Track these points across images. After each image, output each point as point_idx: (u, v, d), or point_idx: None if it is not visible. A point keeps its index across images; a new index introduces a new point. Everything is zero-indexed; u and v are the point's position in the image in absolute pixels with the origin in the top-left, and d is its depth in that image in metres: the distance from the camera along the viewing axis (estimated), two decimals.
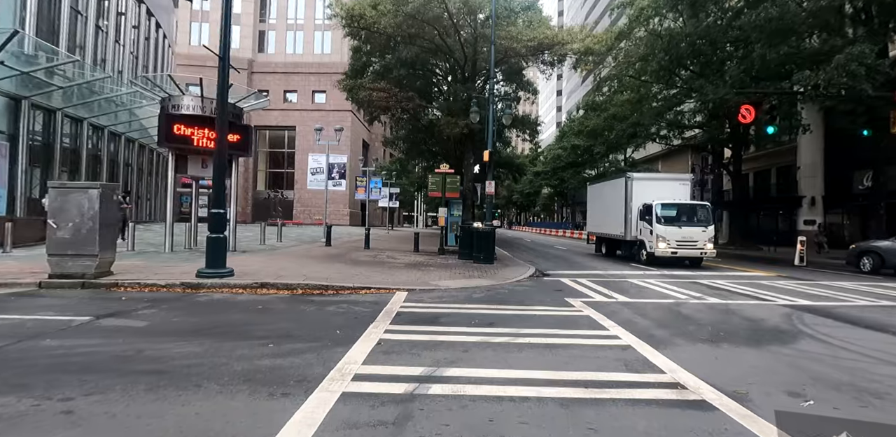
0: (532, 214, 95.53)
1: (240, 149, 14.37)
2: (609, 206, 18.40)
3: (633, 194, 16.25)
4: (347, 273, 10.31)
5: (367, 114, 25.66)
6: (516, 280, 11.00)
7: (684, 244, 14.74)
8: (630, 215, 16.42)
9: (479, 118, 17.44)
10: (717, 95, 18.56)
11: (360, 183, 30.75)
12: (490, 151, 15.40)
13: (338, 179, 22.80)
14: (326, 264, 11.89)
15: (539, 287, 10.05)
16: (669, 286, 10.53)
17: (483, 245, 14.11)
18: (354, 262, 12.99)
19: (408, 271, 11.41)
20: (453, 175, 18.05)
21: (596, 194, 20.64)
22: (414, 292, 8.71)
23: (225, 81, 9.03)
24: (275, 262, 11.74)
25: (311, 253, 14.86)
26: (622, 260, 17.65)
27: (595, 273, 13.20)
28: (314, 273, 9.89)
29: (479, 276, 11.34)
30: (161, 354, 4.42)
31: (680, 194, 15.96)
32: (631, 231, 16.43)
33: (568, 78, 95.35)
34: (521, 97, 33.18)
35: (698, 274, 13.31)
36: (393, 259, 14.39)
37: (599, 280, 11.47)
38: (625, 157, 44.80)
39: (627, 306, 7.94)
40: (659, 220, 14.93)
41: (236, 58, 50.79)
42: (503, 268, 13.15)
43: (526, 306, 7.66)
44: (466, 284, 9.93)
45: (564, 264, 16.36)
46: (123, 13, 20.18)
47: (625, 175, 16.84)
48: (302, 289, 8.34)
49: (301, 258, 13.11)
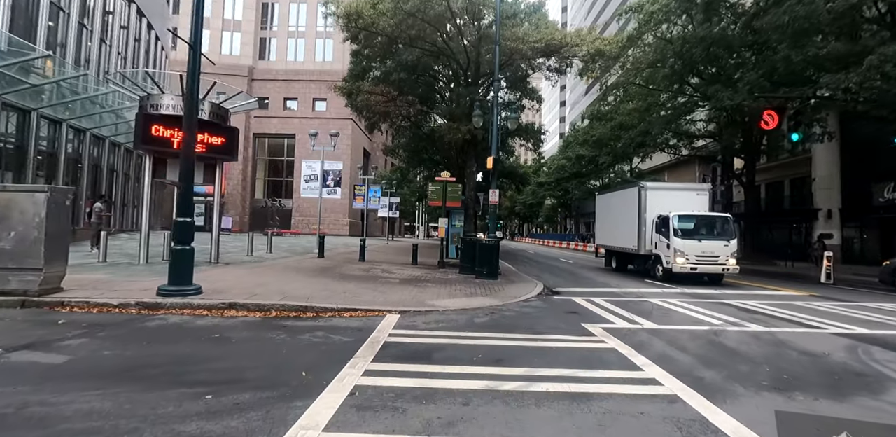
0: (535, 226, 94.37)
1: (225, 153, 13.31)
2: (620, 217, 17.27)
3: (647, 205, 15.14)
4: (334, 291, 9.15)
5: (366, 120, 24.68)
6: (523, 299, 9.82)
7: (704, 260, 13.56)
8: (644, 228, 15.30)
9: (483, 123, 16.42)
10: (734, 100, 17.53)
11: (358, 192, 29.66)
12: (494, 157, 14.32)
13: (333, 186, 21.72)
14: (313, 280, 10.73)
15: (550, 308, 8.86)
16: (695, 308, 9.34)
17: (486, 259, 12.94)
18: (345, 277, 11.82)
19: (402, 288, 10.24)
20: (454, 183, 16.96)
21: (605, 205, 19.51)
22: (407, 314, 7.53)
23: (195, 73, 7.98)
24: (255, 276, 10.59)
25: (300, 266, 13.71)
26: (635, 275, 16.44)
27: (609, 291, 12.00)
28: (296, 291, 8.72)
29: (482, 294, 10.16)
30: (51, 412, 3.26)
31: (697, 205, 14.84)
32: (645, 245, 15.27)
33: (572, 88, 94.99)
34: (526, 106, 32.31)
35: (723, 293, 12.10)
36: (388, 273, 13.22)
37: (616, 300, 10.28)
38: (631, 167, 43.78)
39: (657, 334, 6.75)
40: (676, 233, 13.78)
41: (236, 65, 50.33)
42: (508, 284, 11.97)
43: (538, 334, 6.48)
44: (468, 304, 8.76)
45: (573, 279, 15.16)
46: (111, 12, 19.32)
47: (638, 185, 15.74)
48: (277, 311, 7.17)
49: (286, 272, 11.95)
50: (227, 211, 49.21)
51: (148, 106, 12.42)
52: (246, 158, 50.17)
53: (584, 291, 11.97)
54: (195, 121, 8.07)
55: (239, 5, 50.15)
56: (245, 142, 50.19)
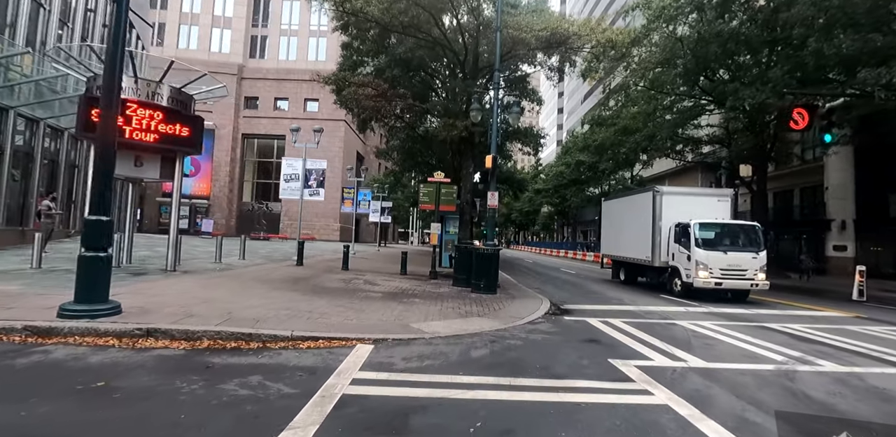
0: (531, 234, 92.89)
1: (186, 145, 11.58)
2: (630, 225, 15.68)
3: (663, 212, 13.60)
4: (297, 309, 7.42)
5: (356, 117, 23.05)
6: (529, 321, 8.14)
7: (731, 274, 11.94)
8: (658, 237, 13.73)
9: (481, 119, 14.84)
10: (756, 99, 16.07)
11: (347, 195, 27.98)
12: (494, 155, 12.71)
13: (315, 187, 20.06)
14: (277, 294, 8.99)
15: (564, 335, 7.17)
16: (737, 334, 7.69)
17: (484, 270, 11.26)
18: (318, 290, 10.09)
19: (384, 306, 8.52)
20: (449, 185, 15.32)
21: (613, 212, 17.90)
22: (384, 344, 5.83)
23: (120, 29, 6.27)
24: (207, 289, 8.83)
25: (270, 276, 11.96)
26: (648, 289, 14.79)
27: (626, 310, 10.34)
28: (247, 310, 6.99)
29: (480, 313, 8.47)
30: None
31: (719, 212, 13.28)
32: (660, 256, 13.67)
33: (569, 96, 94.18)
34: (526, 108, 30.93)
35: (756, 313, 10.47)
36: (371, 285, 11.50)
37: (638, 322, 8.62)
38: (632, 175, 42.38)
39: (712, 377, 5.08)
40: (698, 243, 12.19)
41: (226, 63, 48.66)
42: (509, 301, 10.28)
43: (557, 378, 4.79)
44: (462, 328, 7.06)
45: (581, 294, 13.49)
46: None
47: (652, 189, 14.18)
48: (210, 340, 5.44)
49: (249, 284, 10.20)
50: (212, 214, 47.30)
51: (94, 88, 10.69)
52: (234, 159, 48.40)
53: (597, 309, 10.30)
54: (117, 94, 6.39)
55: (230, 1, 48.62)
56: (233, 142, 48.45)
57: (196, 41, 48.60)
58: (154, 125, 10.98)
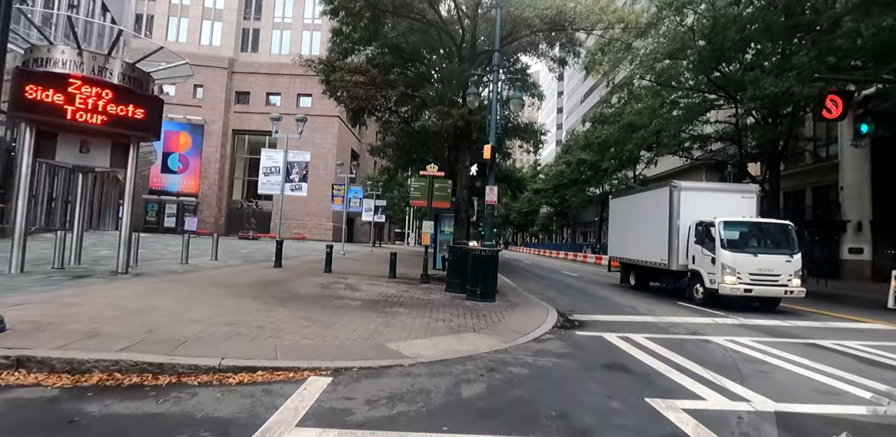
0: (530, 235, 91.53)
1: (141, 129, 10.14)
2: (643, 225, 14.24)
3: (681, 210, 12.14)
4: (248, 324, 5.97)
5: (346, 107, 21.58)
6: (535, 337, 6.72)
7: (761, 279, 10.49)
8: (676, 238, 12.27)
9: (479, 106, 13.41)
10: (779, 87, 14.70)
11: (337, 192, 26.52)
12: (492, 144, 11.27)
13: (298, 181, 18.62)
14: (233, 303, 7.53)
15: (580, 357, 5.73)
16: (788, 355, 6.27)
17: (481, 274, 9.82)
18: (286, 297, 8.63)
19: (360, 318, 7.07)
20: (443, 179, 13.87)
21: (622, 210, 16.44)
22: (347, 376, 4.38)
23: None
24: (145, 298, 7.37)
25: (236, 279, 10.51)
26: (663, 296, 13.36)
27: (645, 321, 8.91)
28: (179, 326, 5.54)
29: (475, 326, 7.03)
30: None
31: (743, 210, 11.83)
32: (677, 258, 12.22)
33: (569, 95, 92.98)
34: (525, 103, 29.52)
35: (793, 325, 9.05)
36: (352, 291, 10.05)
37: (664, 338, 7.19)
38: (635, 173, 41.05)
39: (794, 430, 3.65)
40: (724, 244, 10.73)
41: (216, 57, 47.16)
42: (510, 310, 8.84)
43: (581, 435, 3.35)
44: (452, 348, 5.62)
45: (589, 300, 12.06)
46: None
47: (669, 184, 12.74)
48: (104, 372, 3.98)
49: (205, 290, 8.75)
50: (200, 212, 45.78)
51: (32, 61, 9.24)
52: (223, 155, 46.91)
53: (612, 320, 8.88)
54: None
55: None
56: (223, 139, 46.97)
57: (186, 34, 47.11)
58: (102, 105, 9.55)
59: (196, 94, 46.77)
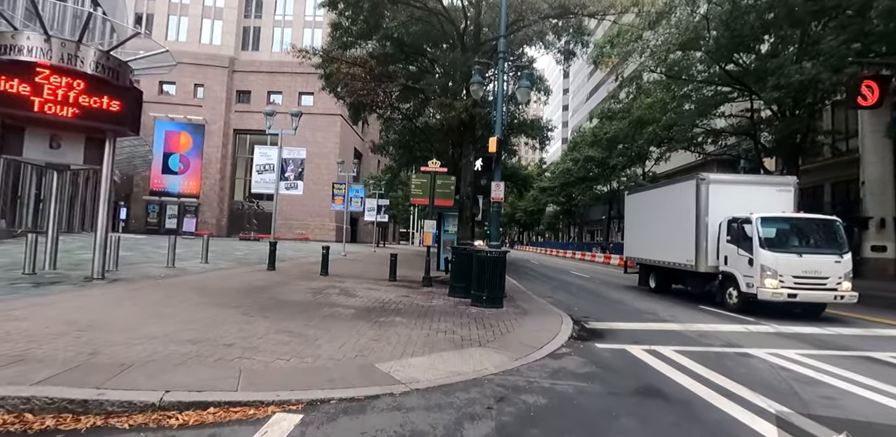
0: (535, 234, 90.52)
1: (117, 122, 9.34)
2: (665, 222, 13.12)
3: (710, 205, 11.04)
4: (216, 341, 5.13)
5: (346, 104, 20.81)
6: (550, 353, 5.85)
7: (807, 283, 9.25)
8: (704, 236, 11.10)
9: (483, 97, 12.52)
10: (805, 75, 13.72)
11: (337, 191, 25.73)
12: (499, 136, 10.40)
13: (293, 179, 17.82)
14: (208, 313, 6.71)
15: (604, 380, 4.85)
16: (848, 374, 5.36)
17: (488, 278, 8.95)
18: (271, 305, 7.80)
19: (350, 330, 6.23)
20: (446, 176, 13.00)
21: (640, 207, 15.27)
22: (321, 411, 3.52)
23: None
24: (109, 309, 6.57)
25: (222, 285, 9.70)
26: (683, 298, 12.42)
27: (670, 330, 8.00)
28: (131, 345, 4.72)
29: (481, 339, 6.17)
30: None
31: (780, 205, 10.73)
32: (706, 259, 11.09)
33: (574, 93, 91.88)
34: (531, 99, 28.72)
35: (837, 334, 8.12)
36: (346, 297, 9.21)
37: (697, 352, 6.30)
38: (643, 170, 39.99)
39: None
40: (763, 243, 9.55)
41: (217, 55, 46.55)
42: (519, 318, 7.97)
43: None
44: (454, 369, 4.76)
45: (604, 305, 11.16)
46: None
47: (695, 177, 11.57)
48: (10, 414, 3.15)
49: (182, 298, 7.94)
50: (201, 213, 45.19)
51: None
52: (225, 155, 46.29)
53: (633, 328, 7.99)
54: None
55: None
56: (224, 138, 46.36)
57: (186, 33, 46.52)
58: (73, 97, 8.77)
59: (196, 93, 46.19)
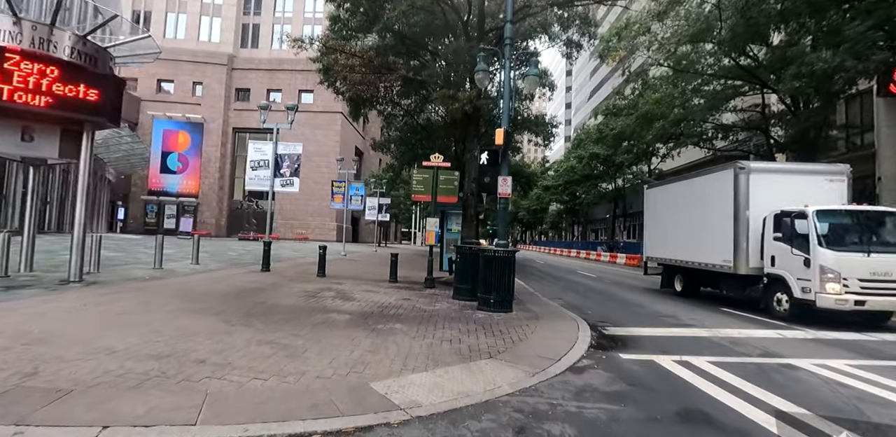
0: (539, 233, 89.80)
1: (95, 112, 8.67)
2: (694, 217, 11.90)
3: (751, 197, 9.85)
4: (185, 356, 4.44)
5: (345, 98, 20.12)
6: (570, 365, 5.16)
7: (877, 287, 7.93)
8: (744, 233, 9.86)
9: (487, 89, 11.79)
10: (829, 63, 12.97)
11: (337, 189, 25.05)
12: (506, 128, 9.69)
13: (289, 176, 17.12)
14: (185, 321, 6.02)
15: (637, 401, 4.13)
16: None
17: (495, 280, 8.23)
18: (259, 311, 7.11)
19: (344, 340, 5.52)
20: (449, 171, 12.30)
21: (663, 202, 14.01)
22: None
23: None
24: (77, 316, 5.89)
25: (208, 288, 9.01)
26: (709, 300, 11.60)
27: (696, 336, 7.28)
28: (83, 363, 4.04)
29: (491, 349, 5.46)
30: None
31: (833, 197, 9.52)
32: (747, 260, 9.81)
33: (577, 91, 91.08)
34: (535, 94, 28.09)
35: (881, 340, 7.37)
36: (342, 301, 8.51)
37: (732, 363, 5.59)
38: (649, 168, 39.21)
39: None
40: (822, 241, 8.29)
41: (216, 53, 45.90)
42: (531, 323, 7.25)
43: None
44: (462, 389, 4.06)
45: (619, 307, 10.43)
46: None
47: (733, 166, 10.30)
48: None
49: (160, 302, 7.26)
50: (200, 212, 44.58)
51: None
52: (224, 154, 45.68)
53: (656, 334, 7.28)
54: None
55: None
56: (223, 137, 45.76)
57: (184, 30, 45.91)
58: (47, 85, 8.11)
59: (195, 91, 45.58)
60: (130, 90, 45.07)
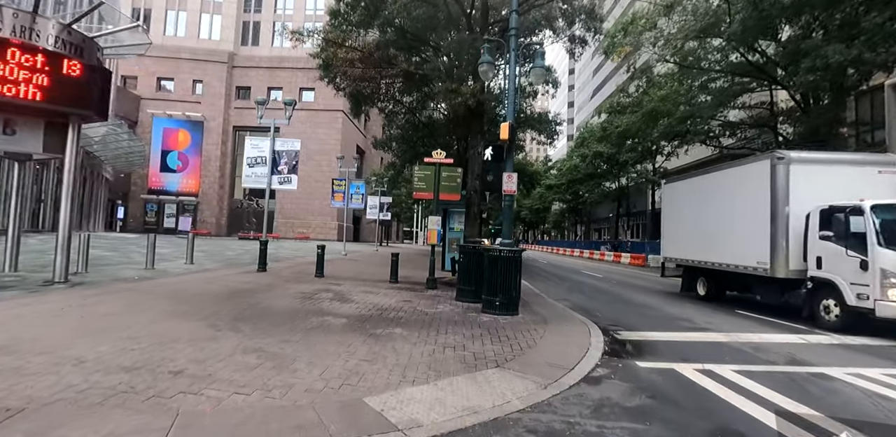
0: (541, 232, 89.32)
1: (82, 106, 8.29)
2: (722, 214, 10.80)
3: (791, 191, 8.80)
4: (161, 366, 4.03)
5: (346, 94, 19.70)
6: (584, 375, 4.74)
7: None
8: (783, 231, 8.83)
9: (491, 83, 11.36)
10: (845, 55, 12.51)
11: (337, 188, 24.65)
12: (511, 122, 9.28)
13: (287, 173, 16.73)
14: (163, 326, 5.62)
15: (664, 418, 3.70)
16: None
17: (501, 281, 7.81)
18: (248, 315, 6.70)
19: (338, 347, 5.10)
20: (451, 167, 11.87)
21: (684, 197, 12.88)
22: None
23: None
24: (53, 320, 5.50)
25: (199, 289, 8.60)
26: (733, 305, 10.82)
27: (715, 341, 6.83)
28: (43, 376, 3.63)
29: (498, 357, 5.04)
30: None
31: (884, 190, 8.52)
32: (787, 261, 8.77)
33: (580, 89, 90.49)
34: (539, 91, 27.68)
35: None
36: (339, 303, 8.09)
37: (759, 372, 5.16)
38: (654, 166, 38.72)
39: None
40: (882, 240, 7.31)
41: (216, 51, 45.51)
42: (539, 327, 6.82)
43: None
44: (468, 404, 3.64)
45: (628, 309, 9.98)
46: None
47: (771, 155, 9.28)
48: None
49: (145, 305, 6.86)
50: (200, 211, 44.25)
51: None
52: (224, 153, 45.33)
53: (672, 339, 6.84)
54: None
55: None
56: (223, 136, 45.40)
57: (184, 28, 45.54)
58: (29, 76, 7.70)
59: (195, 89, 45.23)
60: (130, 88, 44.76)
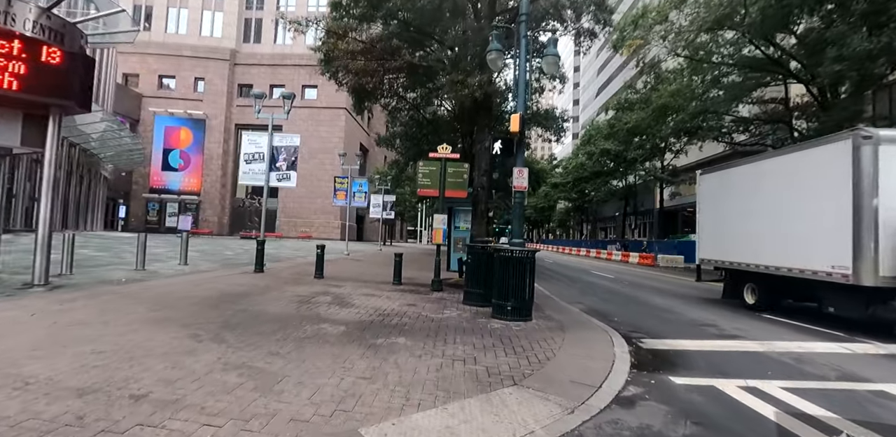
0: (546, 231, 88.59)
1: (63, 96, 7.71)
2: (780, 208, 9.18)
3: (882, 178, 7.22)
4: (123, 387, 3.44)
5: (347, 88, 19.12)
6: (615, 396, 4.13)
7: None
8: (871, 229, 7.22)
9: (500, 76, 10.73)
10: (874, 44, 11.84)
11: (339, 186, 24.08)
12: (521, 114, 8.65)
13: (285, 169, 16.16)
14: (139, 336, 5.03)
15: None
16: None
17: (513, 284, 7.19)
18: (236, 321, 6.11)
19: (333, 361, 4.50)
20: (458, 163, 11.25)
21: (727, 189, 11.12)
22: None
23: None
24: (15, 329, 4.92)
25: (188, 292, 8.02)
26: (802, 318, 8.77)
27: (751, 351, 6.20)
28: None
29: (514, 374, 4.42)
30: None
31: None
32: (876, 266, 7.16)
33: (585, 87, 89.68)
34: (546, 87, 27.02)
35: None
36: (338, 308, 7.50)
37: (811, 389, 4.55)
38: (662, 164, 37.99)
39: None
40: None
41: (218, 48, 45.02)
42: (556, 336, 6.20)
43: None
44: (482, 435, 3.03)
45: (649, 314, 9.32)
46: None
47: (854, 134, 7.51)
48: None
49: (124, 310, 6.28)
50: (202, 210, 43.81)
51: None
52: (226, 151, 44.87)
53: (703, 349, 6.20)
54: None
55: None
56: (225, 134, 44.93)
57: (186, 25, 45.07)
58: (5, 63, 7.15)
59: (197, 87, 44.77)
60: (132, 86, 44.35)
